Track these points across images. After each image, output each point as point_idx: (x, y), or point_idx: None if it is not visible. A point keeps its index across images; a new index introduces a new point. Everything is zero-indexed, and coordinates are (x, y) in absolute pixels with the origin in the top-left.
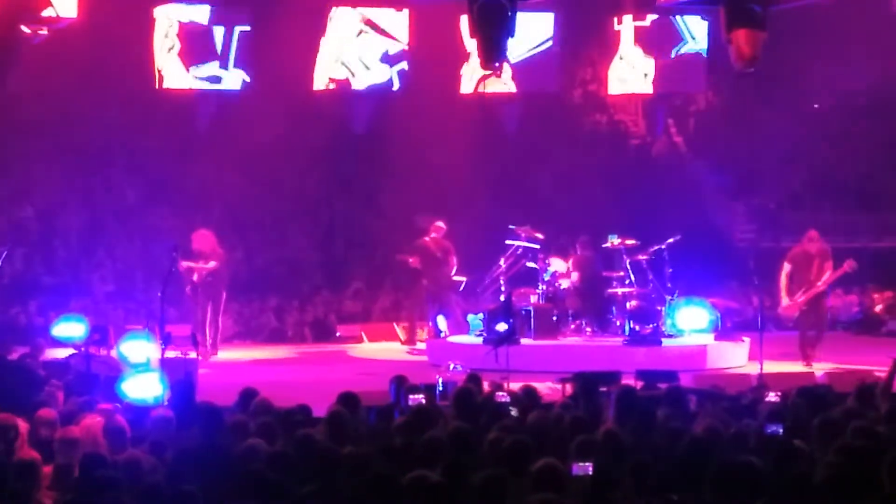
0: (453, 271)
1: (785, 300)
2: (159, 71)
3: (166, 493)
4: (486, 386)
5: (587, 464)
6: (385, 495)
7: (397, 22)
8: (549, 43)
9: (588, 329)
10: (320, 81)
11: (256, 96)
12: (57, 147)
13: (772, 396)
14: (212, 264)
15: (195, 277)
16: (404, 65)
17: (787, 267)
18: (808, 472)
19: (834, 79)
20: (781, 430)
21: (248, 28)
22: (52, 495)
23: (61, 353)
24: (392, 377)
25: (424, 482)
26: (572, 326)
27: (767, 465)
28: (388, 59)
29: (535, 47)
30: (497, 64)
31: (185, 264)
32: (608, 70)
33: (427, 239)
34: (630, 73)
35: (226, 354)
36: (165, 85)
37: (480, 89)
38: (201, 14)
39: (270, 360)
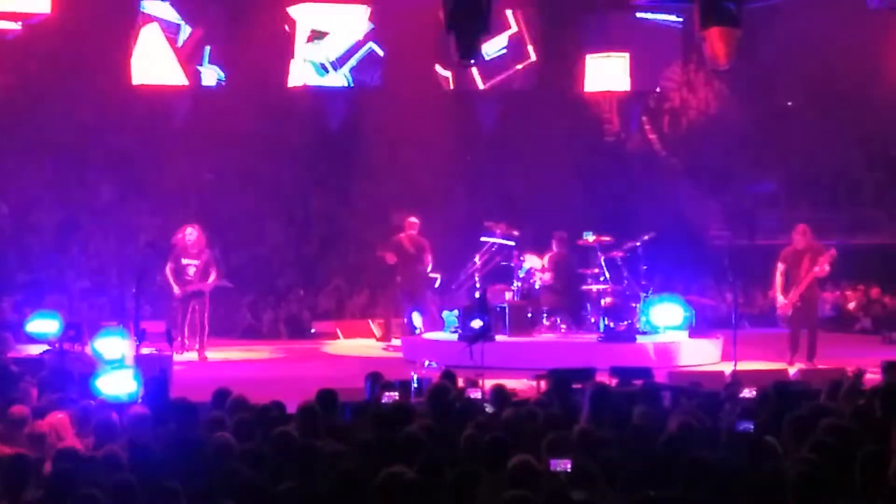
0: (428, 268)
1: (780, 299)
2: (134, 68)
3: (142, 490)
4: (460, 383)
5: (565, 461)
6: (360, 492)
7: (369, 18)
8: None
9: (563, 326)
10: (295, 79)
11: (231, 94)
12: (31, 143)
13: (745, 393)
14: (212, 278)
15: (192, 286)
16: (379, 63)
17: (780, 266)
18: (780, 469)
19: (807, 76)
20: (752, 427)
21: (223, 25)
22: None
23: (35, 350)
24: (367, 374)
25: (399, 479)
26: (547, 323)
27: (740, 461)
28: (360, 57)
29: (509, 44)
30: (472, 60)
31: (184, 262)
32: (584, 67)
33: (402, 235)
34: (605, 70)
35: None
36: (140, 81)
37: (456, 86)
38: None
39: (245, 356)
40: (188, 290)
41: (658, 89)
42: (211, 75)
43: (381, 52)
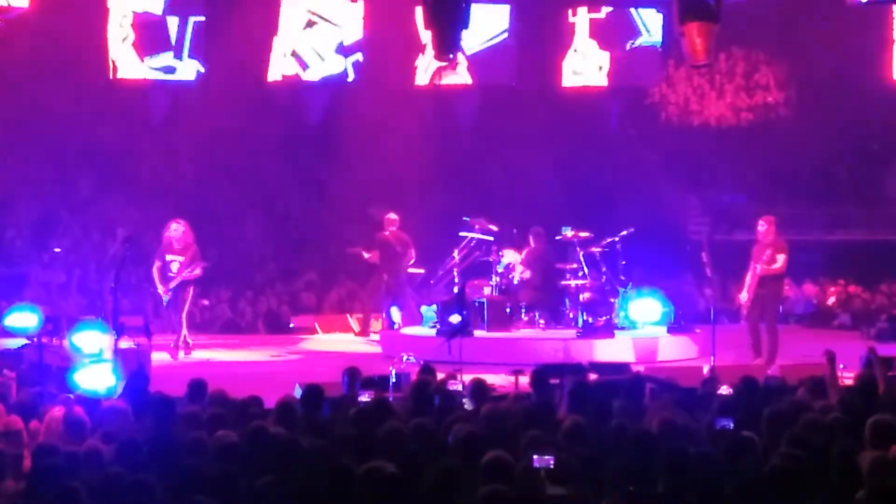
0: (411, 263)
1: (742, 295)
2: (113, 62)
3: (121, 484)
4: (439, 377)
5: (548, 457)
6: (340, 487)
7: (351, 13)
8: (505, 35)
9: (541, 321)
10: (275, 72)
11: (211, 87)
12: (9, 137)
13: (723, 389)
14: (197, 272)
15: (174, 280)
16: (359, 56)
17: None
18: (758, 464)
19: (786, 71)
20: (732, 425)
21: (202, 18)
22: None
23: (14, 344)
24: (345, 369)
25: (379, 473)
26: (525, 318)
27: (719, 457)
28: (343, 50)
29: (490, 39)
30: (451, 55)
31: (168, 258)
32: (563, 62)
33: (387, 233)
34: (585, 65)
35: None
36: (119, 75)
37: (436, 81)
38: (155, 4)
39: (223, 351)
40: (169, 287)
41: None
42: (191, 69)
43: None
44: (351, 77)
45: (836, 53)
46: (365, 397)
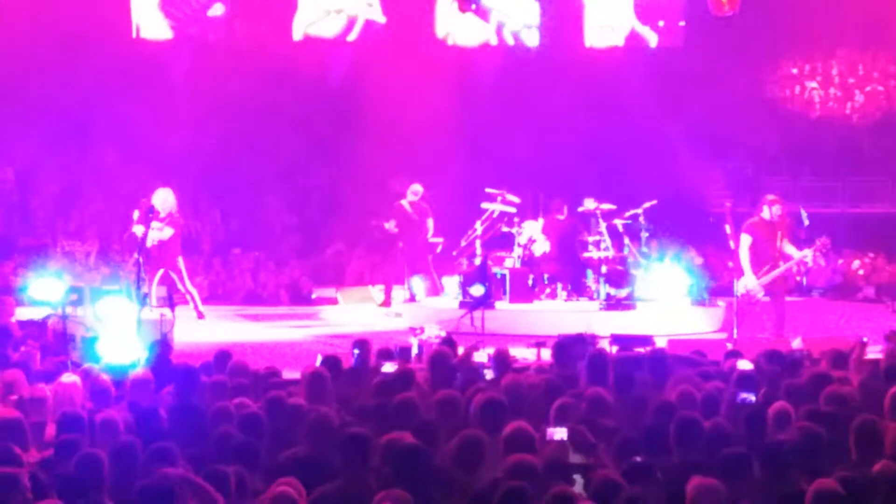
0: (430, 234)
1: (752, 280)
2: (137, 25)
3: (144, 452)
4: (460, 349)
5: (562, 428)
6: (361, 457)
7: None
8: None
9: (563, 293)
10: (298, 32)
11: (234, 51)
12: (34, 109)
13: (744, 365)
14: (167, 232)
15: (148, 243)
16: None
17: (747, 239)
18: (779, 437)
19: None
20: (754, 398)
21: None
22: (30, 453)
23: (38, 314)
24: (354, 341)
25: (399, 444)
26: (548, 290)
27: (737, 429)
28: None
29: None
30: (474, 6)
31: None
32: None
33: (404, 202)
34: (606, 20)
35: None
36: (142, 35)
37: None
38: None
39: (245, 321)
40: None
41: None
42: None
43: None
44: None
45: (862, 20)
46: (388, 367)
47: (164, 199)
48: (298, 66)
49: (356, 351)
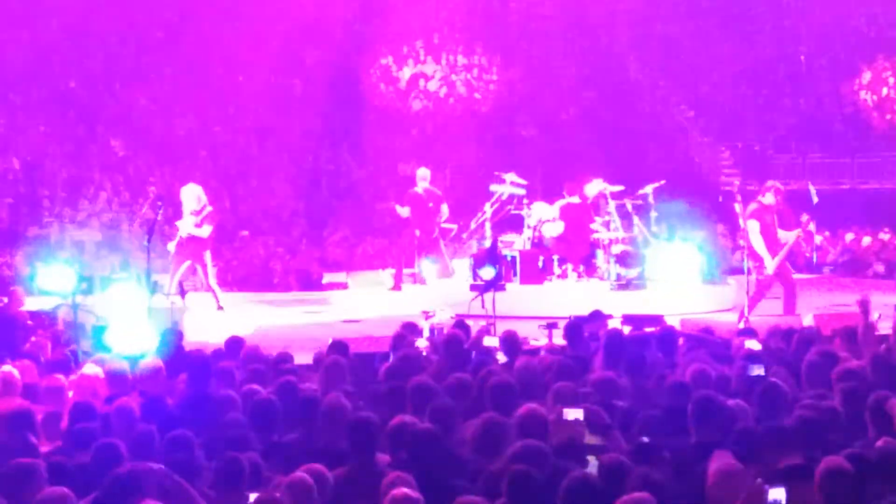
0: (444, 219)
1: (772, 263)
2: None
3: (159, 441)
4: (473, 332)
5: (578, 409)
6: (368, 443)
7: None
8: None
9: (574, 274)
10: None
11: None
12: (41, 98)
13: (753, 344)
14: (205, 231)
15: (182, 236)
16: None
17: (755, 225)
18: (791, 414)
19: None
20: (764, 372)
21: None
22: (42, 443)
23: (48, 303)
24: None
25: (411, 428)
26: (558, 271)
27: (751, 407)
28: None
29: None
30: None
31: (181, 225)
32: None
33: (419, 189)
34: None
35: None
36: None
37: None
38: None
39: (256, 307)
40: (178, 245)
41: None
42: None
43: None
44: None
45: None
46: (394, 352)
47: (197, 195)
48: (306, 50)
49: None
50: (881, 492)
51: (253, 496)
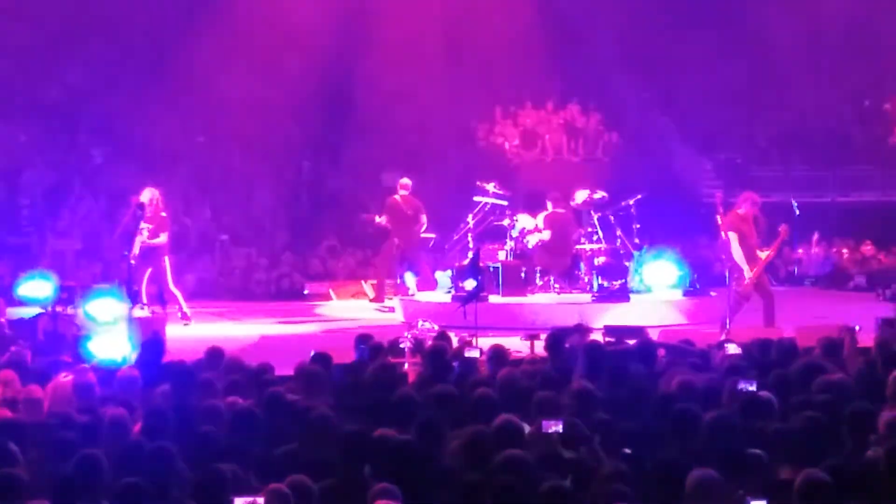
0: (423, 229)
1: (750, 274)
2: None
3: (140, 451)
4: (455, 343)
5: (557, 421)
6: (354, 455)
7: None
8: None
9: (556, 286)
10: None
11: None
12: (20, 106)
13: (735, 349)
14: (162, 238)
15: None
16: None
17: (734, 237)
18: (773, 426)
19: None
20: (754, 387)
21: None
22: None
23: (28, 313)
24: (357, 336)
25: (393, 441)
26: (540, 283)
27: (734, 419)
28: None
29: None
30: None
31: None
32: None
33: (397, 197)
34: None
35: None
36: None
37: None
38: None
39: (237, 317)
40: (138, 251)
41: None
42: None
43: None
44: None
45: (850, 12)
46: (377, 364)
47: (149, 198)
48: (288, 58)
49: (358, 345)
50: None
51: (239, 501)
